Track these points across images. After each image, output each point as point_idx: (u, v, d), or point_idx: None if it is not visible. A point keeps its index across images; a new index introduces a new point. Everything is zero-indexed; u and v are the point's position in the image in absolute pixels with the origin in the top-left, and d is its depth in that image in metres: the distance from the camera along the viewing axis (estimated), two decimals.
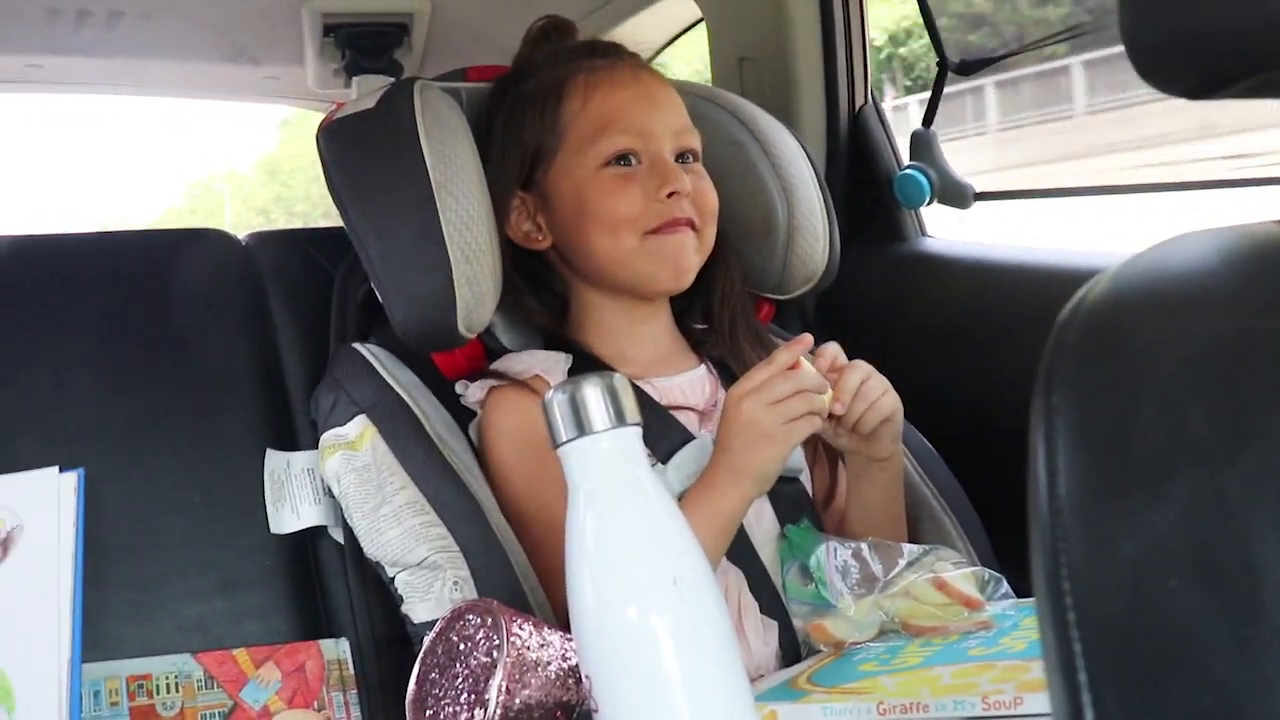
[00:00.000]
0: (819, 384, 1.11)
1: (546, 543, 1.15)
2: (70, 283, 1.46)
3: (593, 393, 0.72)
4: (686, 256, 1.26)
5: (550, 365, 1.25)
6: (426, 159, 1.20)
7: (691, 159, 1.29)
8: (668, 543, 0.71)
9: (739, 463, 1.09)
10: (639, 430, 0.74)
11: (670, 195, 1.23)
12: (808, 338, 1.13)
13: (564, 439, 0.73)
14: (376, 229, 1.23)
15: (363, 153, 1.27)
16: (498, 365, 1.29)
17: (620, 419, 0.72)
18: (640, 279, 1.27)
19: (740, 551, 1.17)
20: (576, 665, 0.83)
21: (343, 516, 1.27)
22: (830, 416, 1.14)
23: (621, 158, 1.24)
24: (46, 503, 1.17)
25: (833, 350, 1.16)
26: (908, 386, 1.19)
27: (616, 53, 1.33)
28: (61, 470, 1.19)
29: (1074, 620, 0.43)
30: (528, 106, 1.29)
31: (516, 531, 1.18)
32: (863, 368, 1.16)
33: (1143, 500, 0.42)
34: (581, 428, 0.72)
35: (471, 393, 1.27)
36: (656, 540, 0.71)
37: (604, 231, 1.24)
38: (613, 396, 0.73)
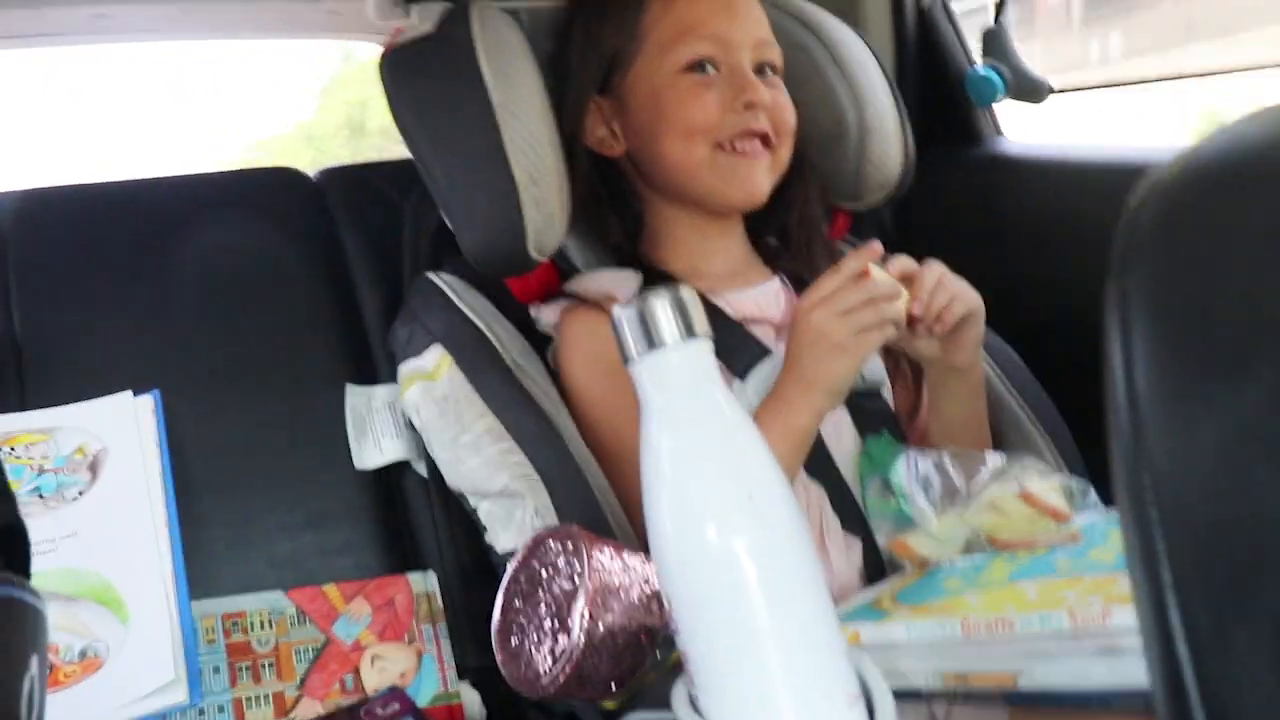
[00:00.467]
0: (891, 291, 1.08)
1: (625, 466, 1.14)
2: (148, 227, 1.48)
3: (660, 306, 0.70)
4: (757, 179, 1.24)
5: (620, 283, 1.23)
6: (487, 80, 1.19)
7: (771, 72, 1.27)
8: (742, 457, 0.69)
9: (810, 375, 1.07)
10: (709, 343, 0.72)
11: (747, 106, 1.21)
12: (877, 244, 1.10)
13: (634, 355, 0.71)
14: (441, 155, 1.22)
15: (423, 79, 1.25)
16: (569, 286, 1.28)
17: (690, 331, 0.70)
18: (711, 192, 1.25)
19: (821, 467, 1.16)
20: (658, 589, 0.82)
21: (425, 449, 1.27)
22: (909, 322, 1.11)
23: (700, 65, 1.23)
24: (125, 425, 1.19)
25: (903, 260, 1.13)
26: (990, 294, 1.16)
27: None
28: (136, 394, 1.22)
29: (1156, 517, 0.40)
30: (608, 11, 1.28)
31: (595, 454, 1.17)
32: (938, 265, 1.13)
33: (1227, 382, 0.39)
34: (651, 342, 0.70)
35: (545, 316, 1.26)
36: (730, 453, 0.70)
37: (677, 138, 1.23)
38: (681, 309, 0.71)
